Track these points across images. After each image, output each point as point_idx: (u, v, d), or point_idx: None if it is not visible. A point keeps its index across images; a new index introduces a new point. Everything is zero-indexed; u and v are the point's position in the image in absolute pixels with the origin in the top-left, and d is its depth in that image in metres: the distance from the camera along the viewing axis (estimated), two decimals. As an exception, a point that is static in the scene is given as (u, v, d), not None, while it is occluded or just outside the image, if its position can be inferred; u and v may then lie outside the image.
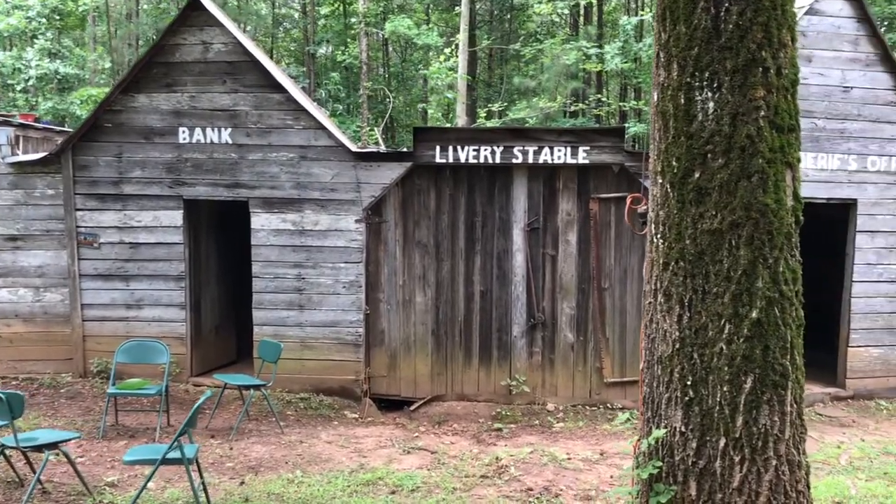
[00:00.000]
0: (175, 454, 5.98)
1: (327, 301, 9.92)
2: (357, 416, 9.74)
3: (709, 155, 3.48)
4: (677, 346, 3.60)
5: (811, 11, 9.54)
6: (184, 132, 9.90)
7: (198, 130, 9.89)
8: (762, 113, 3.42)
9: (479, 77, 29.41)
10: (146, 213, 10.02)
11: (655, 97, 3.69)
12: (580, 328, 9.82)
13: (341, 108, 23.78)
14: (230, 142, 9.87)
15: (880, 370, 10.10)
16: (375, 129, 18.06)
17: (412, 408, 10.01)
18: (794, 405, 3.52)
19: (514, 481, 7.25)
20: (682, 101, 3.54)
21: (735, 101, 3.43)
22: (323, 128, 9.85)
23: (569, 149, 9.51)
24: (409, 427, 9.37)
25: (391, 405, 10.18)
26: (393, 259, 9.96)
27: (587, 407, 9.89)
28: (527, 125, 17.48)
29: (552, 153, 9.52)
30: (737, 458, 3.47)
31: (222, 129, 9.86)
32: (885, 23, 16.43)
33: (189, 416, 6.00)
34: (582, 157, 9.49)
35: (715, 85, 3.46)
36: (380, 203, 9.88)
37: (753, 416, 3.46)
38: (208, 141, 9.88)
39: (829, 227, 11.19)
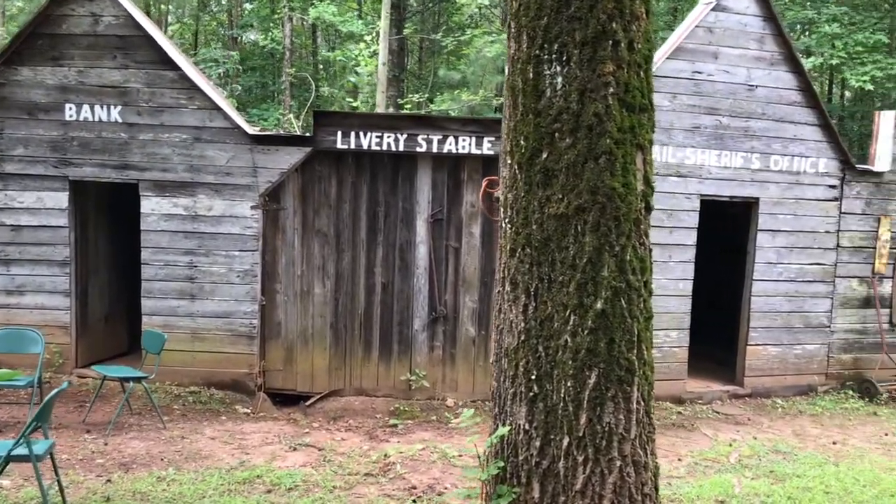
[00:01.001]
0: (22, 450, 5.53)
1: (220, 290, 9.50)
2: (249, 411, 9.36)
3: (556, 134, 3.26)
4: (522, 338, 3.38)
5: (718, 7, 9.51)
6: (70, 109, 9.35)
7: (85, 107, 9.35)
8: (611, 90, 3.21)
9: (410, 69, 29.09)
10: (29, 194, 9.44)
11: (507, 72, 3.46)
12: (482, 322, 9.62)
13: (240, 90, 23.17)
14: (120, 120, 9.35)
15: (778, 368, 10.17)
16: (293, 117, 17.59)
17: (308, 403, 9.66)
18: (642, 402, 3.32)
19: (399, 479, 7.00)
20: (531, 75, 3.31)
21: (583, 77, 3.21)
22: (219, 108, 9.42)
23: (474, 139, 9.29)
24: (301, 423, 9.03)
25: (287, 400, 9.82)
26: (291, 248, 9.60)
27: (487, 403, 9.68)
28: (431, 113, 17.21)
29: (457, 143, 9.28)
30: (580, 459, 3.26)
31: (112, 107, 9.34)
32: (798, 27, 16.68)
33: (39, 410, 5.56)
34: (487, 148, 9.28)
35: (564, 58, 3.23)
36: (278, 189, 9.50)
37: (597, 413, 3.26)
38: (97, 119, 9.35)
39: (735, 225, 11.25)
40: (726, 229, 11.65)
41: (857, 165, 10.43)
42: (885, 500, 6.59)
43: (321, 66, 27.11)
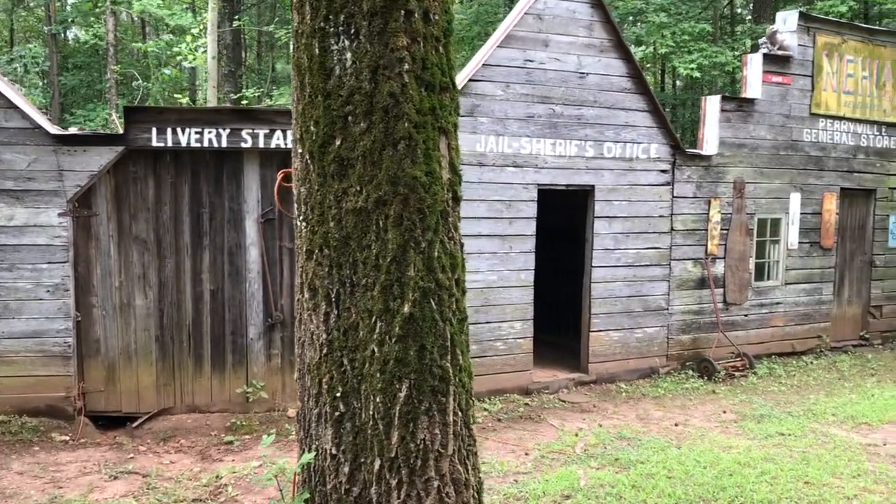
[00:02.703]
0: None
1: (28, 308, 8.54)
2: (68, 437, 8.47)
3: (350, 118, 2.88)
4: (325, 350, 2.98)
5: (547, -6, 9.43)
6: None
7: None
8: (406, 66, 2.85)
9: (249, 64, 27.99)
10: None
11: (292, 48, 3.04)
12: (322, 326, 9.11)
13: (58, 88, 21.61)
14: None
15: (620, 353, 10.26)
16: (116, 116, 16.38)
17: (135, 424, 8.86)
18: (460, 413, 3.00)
19: (231, 502, 6.44)
20: (317, 51, 2.90)
21: (375, 52, 2.84)
22: (15, 107, 8.44)
23: (303, 133, 8.76)
24: (126, 447, 8.26)
25: (112, 423, 8.97)
26: (107, 257, 8.76)
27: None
28: (257, 106, 16.53)
29: (285, 137, 8.74)
30: (394, 482, 2.89)
31: None
32: (630, 17, 17.10)
33: None
34: (317, 142, 8.77)
35: (352, 31, 2.85)
36: (89, 194, 8.63)
37: (411, 430, 2.90)
38: None
39: (576, 213, 11.27)
40: (568, 217, 11.69)
41: (686, 150, 10.67)
42: (725, 479, 6.65)
43: (153, 63, 25.64)
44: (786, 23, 11.39)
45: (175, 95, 19.71)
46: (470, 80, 9.08)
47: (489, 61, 9.17)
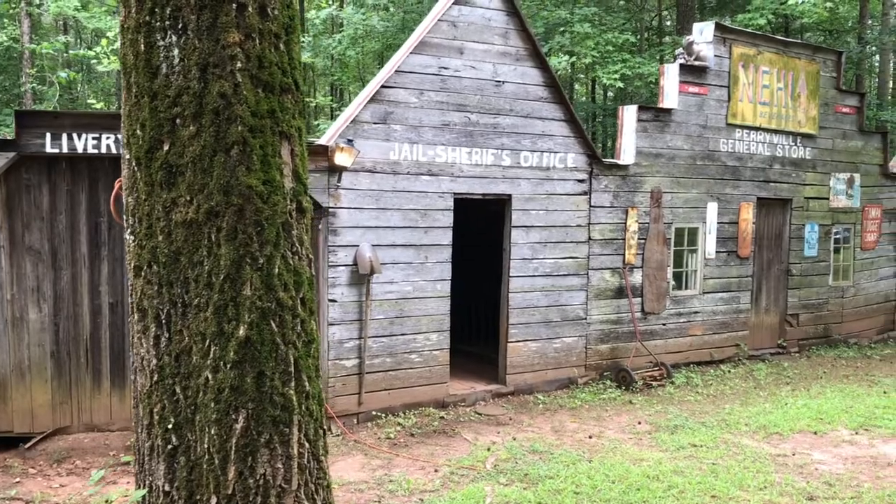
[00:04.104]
0: None
1: None
2: (-48, 463, 7.95)
3: (178, 120, 2.62)
4: (156, 377, 2.71)
5: (461, 1, 9.27)
6: None
7: None
8: (239, 65, 2.61)
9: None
10: None
11: (119, 44, 2.77)
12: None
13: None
14: None
15: (538, 364, 10.13)
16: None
17: (27, 445, 8.37)
18: (307, 444, 2.75)
19: (114, 530, 6.07)
20: (143, 47, 2.64)
21: (204, 48, 2.59)
22: None
23: (208, 139, 8.42)
24: (15, 469, 7.78)
25: (4, 444, 8.46)
26: (-4, 269, 8.26)
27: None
28: None
29: (188, 144, 8.37)
30: (231, 522, 2.64)
31: None
32: (560, 28, 17.07)
33: None
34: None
35: (180, 26, 2.60)
36: (-25, 202, 8.14)
37: (249, 464, 2.65)
38: None
39: (495, 222, 11.13)
40: (488, 226, 11.53)
41: (604, 160, 10.62)
42: (632, 494, 6.53)
43: (76, 66, 24.80)
44: (702, 33, 11.46)
45: (90, 102, 19.03)
46: (383, 86, 8.85)
47: (402, 68, 8.97)
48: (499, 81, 9.58)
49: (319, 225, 8.51)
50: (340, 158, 8.27)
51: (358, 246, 8.66)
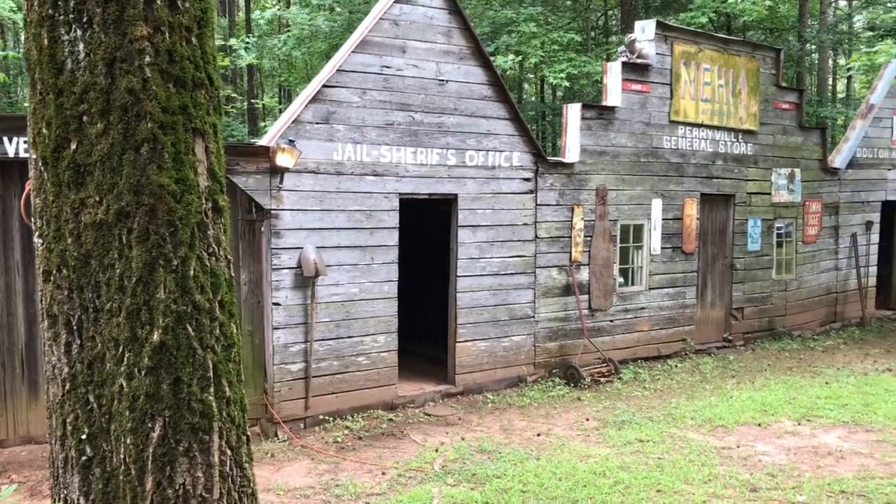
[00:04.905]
0: None
1: None
2: None
3: (85, 118, 2.52)
4: (68, 386, 2.60)
5: None
6: None
7: None
8: (148, 59, 2.51)
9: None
10: None
11: (23, 39, 2.66)
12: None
13: None
14: None
15: (488, 363, 10.12)
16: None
17: (-40, 461, 8.09)
18: (229, 451, 2.66)
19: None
20: (46, 42, 2.53)
21: (111, 42, 2.49)
22: None
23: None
24: (-55, 487, 7.50)
25: (-65, 460, 8.16)
26: (-77, 279, 7.97)
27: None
28: None
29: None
30: (150, 535, 2.54)
31: None
32: (506, 28, 17.09)
33: None
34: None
35: (85, 19, 2.49)
36: None
37: (167, 474, 2.55)
38: None
39: (443, 222, 11.08)
40: (438, 227, 11.48)
41: (549, 158, 10.65)
42: (578, 491, 6.54)
43: (14, 68, 24.14)
44: (644, 31, 11.57)
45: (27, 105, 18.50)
46: (325, 85, 8.75)
47: (344, 67, 8.87)
48: (442, 80, 9.54)
49: (262, 227, 8.38)
50: (282, 159, 8.15)
51: (302, 248, 8.55)
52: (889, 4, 20.54)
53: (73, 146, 2.52)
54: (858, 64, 14.63)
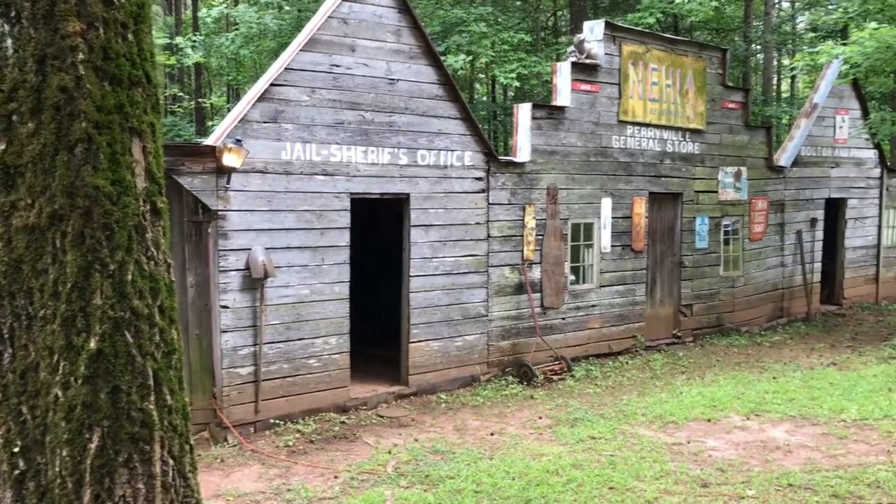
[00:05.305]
0: None
1: None
2: None
3: (15, 117, 2.41)
4: (0, 397, 2.49)
5: (351, -2, 9.13)
6: None
7: None
8: (81, 56, 2.42)
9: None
10: None
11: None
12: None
13: None
14: None
15: (441, 363, 10.09)
16: None
17: None
18: (171, 462, 2.58)
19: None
20: (-28, 37, 2.43)
21: (41, 38, 2.39)
22: None
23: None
24: None
25: None
26: None
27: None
28: None
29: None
30: (89, 551, 2.45)
31: None
32: (457, 28, 17.09)
33: None
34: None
35: (13, 14, 2.39)
36: None
37: (106, 486, 2.46)
38: None
39: (397, 222, 11.02)
40: (392, 227, 11.42)
41: (500, 157, 10.67)
42: (532, 490, 6.54)
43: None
44: (593, 32, 11.65)
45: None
46: (272, 84, 8.62)
47: (293, 65, 8.75)
48: (393, 79, 9.48)
49: (209, 229, 8.23)
50: (229, 159, 8.01)
51: (250, 249, 8.41)
52: (830, 7, 21.06)
53: (3, 147, 2.41)
54: (801, 64, 14.94)
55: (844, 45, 12.66)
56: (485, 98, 27.72)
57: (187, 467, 2.66)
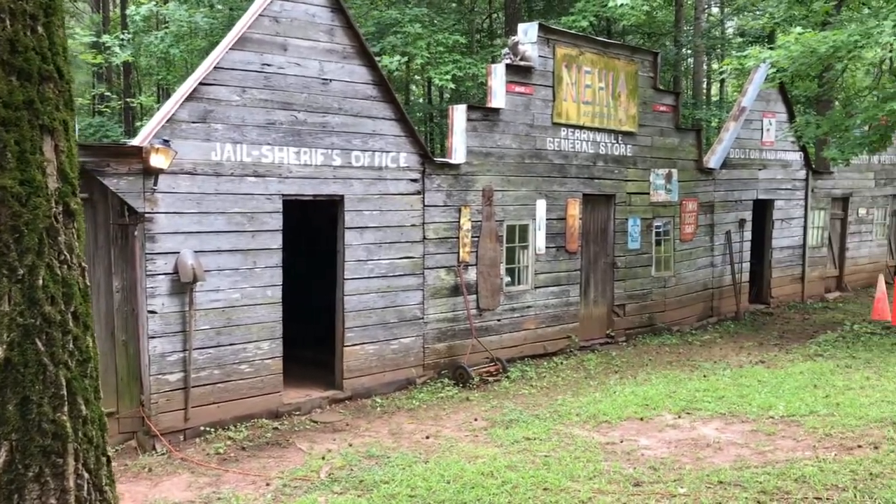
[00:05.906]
0: None
1: None
2: None
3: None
4: None
5: (283, -4, 8.98)
6: None
7: None
8: (-13, 50, 2.31)
9: None
10: None
11: None
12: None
13: None
14: None
15: (376, 366, 10.00)
16: None
17: None
18: (86, 475, 2.46)
19: None
20: None
21: (-58, 31, 2.27)
22: None
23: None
24: None
25: None
26: None
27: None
28: None
29: None
30: (-2, 570, 2.32)
31: None
32: (392, 29, 17.01)
33: None
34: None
35: (-89, 5, 2.26)
36: None
37: (16, 502, 2.34)
38: None
39: (332, 224, 10.89)
40: (328, 229, 11.28)
41: (436, 159, 10.64)
42: (466, 493, 6.51)
43: None
44: (527, 34, 11.72)
45: None
46: (201, 83, 8.42)
47: (222, 64, 8.57)
48: (326, 79, 9.36)
49: (135, 232, 7.99)
50: (156, 160, 7.79)
51: (179, 253, 8.20)
52: (757, 12, 21.64)
53: None
54: (730, 68, 15.28)
55: (771, 49, 13.00)
56: (421, 100, 27.70)
57: (104, 480, 2.55)
